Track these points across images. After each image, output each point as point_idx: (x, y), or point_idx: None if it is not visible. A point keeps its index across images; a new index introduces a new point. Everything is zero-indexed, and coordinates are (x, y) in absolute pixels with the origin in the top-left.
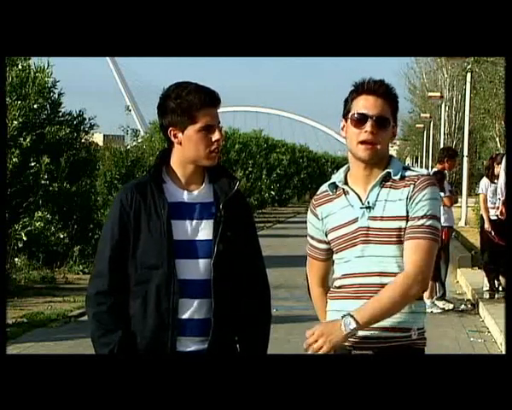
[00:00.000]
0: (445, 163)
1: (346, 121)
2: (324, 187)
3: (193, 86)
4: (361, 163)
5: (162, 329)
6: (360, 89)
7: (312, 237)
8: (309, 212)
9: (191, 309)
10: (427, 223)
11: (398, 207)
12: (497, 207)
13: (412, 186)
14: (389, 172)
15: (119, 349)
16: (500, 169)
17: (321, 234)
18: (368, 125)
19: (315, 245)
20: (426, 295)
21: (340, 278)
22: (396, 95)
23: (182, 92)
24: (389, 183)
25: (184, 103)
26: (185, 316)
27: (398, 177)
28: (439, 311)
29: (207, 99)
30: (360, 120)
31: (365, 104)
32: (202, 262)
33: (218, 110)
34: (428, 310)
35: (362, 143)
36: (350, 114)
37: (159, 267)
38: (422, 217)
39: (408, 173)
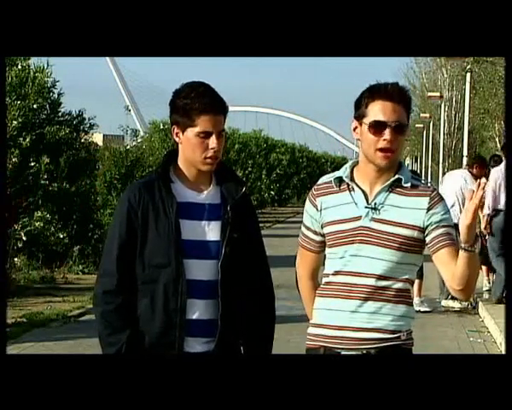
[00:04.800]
0: (473, 168)
1: (360, 124)
2: (326, 178)
3: (201, 89)
4: (375, 166)
5: (170, 329)
6: (377, 94)
7: (308, 228)
8: (307, 201)
9: (198, 310)
10: (453, 232)
11: (409, 214)
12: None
13: (429, 198)
14: (400, 179)
15: (127, 349)
16: (490, 174)
17: (317, 225)
18: (386, 133)
19: (310, 236)
20: (414, 293)
21: (331, 275)
22: (410, 98)
23: (190, 93)
24: (398, 189)
25: (188, 105)
26: (192, 316)
27: (409, 185)
28: (428, 309)
29: (208, 106)
30: (379, 128)
31: (383, 111)
32: (209, 263)
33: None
34: (416, 308)
35: (380, 150)
36: (366, 119)
37: (166, 266)
38: (448, 226)
39: (418, 183)
